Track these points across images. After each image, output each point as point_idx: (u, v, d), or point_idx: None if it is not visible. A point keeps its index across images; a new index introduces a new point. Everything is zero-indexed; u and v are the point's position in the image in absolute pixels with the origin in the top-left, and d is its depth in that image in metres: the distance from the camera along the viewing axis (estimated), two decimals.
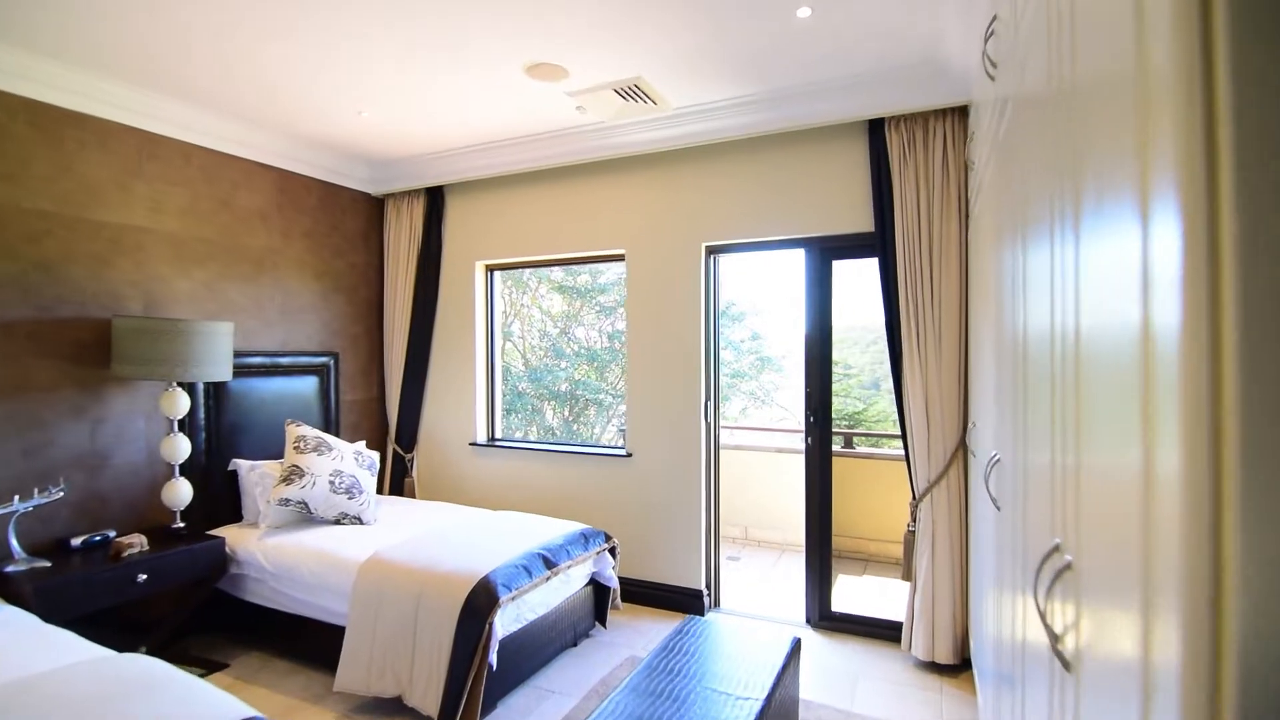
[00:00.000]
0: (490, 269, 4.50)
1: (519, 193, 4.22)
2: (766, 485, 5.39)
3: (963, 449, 3.08)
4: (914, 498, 3.17)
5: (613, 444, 4.91)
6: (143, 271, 3.29)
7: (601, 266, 8.03)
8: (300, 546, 3.12)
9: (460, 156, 4.12)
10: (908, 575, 3.19)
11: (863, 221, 3.31)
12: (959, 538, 3.09)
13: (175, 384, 3.15)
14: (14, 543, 2.69)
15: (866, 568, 4.79)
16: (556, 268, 8.68)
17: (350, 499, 3.48)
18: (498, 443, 4.43)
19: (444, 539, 3.11)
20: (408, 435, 4.54)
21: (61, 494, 2.81)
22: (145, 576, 2.83)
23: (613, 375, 7.89)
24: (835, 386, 3.61)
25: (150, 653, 2.88)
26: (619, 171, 3.89)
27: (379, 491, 4.60)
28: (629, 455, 3.89)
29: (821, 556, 3.55)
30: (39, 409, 2.93)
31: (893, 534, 4.85)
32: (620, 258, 3.99)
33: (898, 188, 3.14)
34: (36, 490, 2.82)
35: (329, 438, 3.62)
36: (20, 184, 2.85)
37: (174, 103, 3.30)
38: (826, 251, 3.47)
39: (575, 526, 3.35)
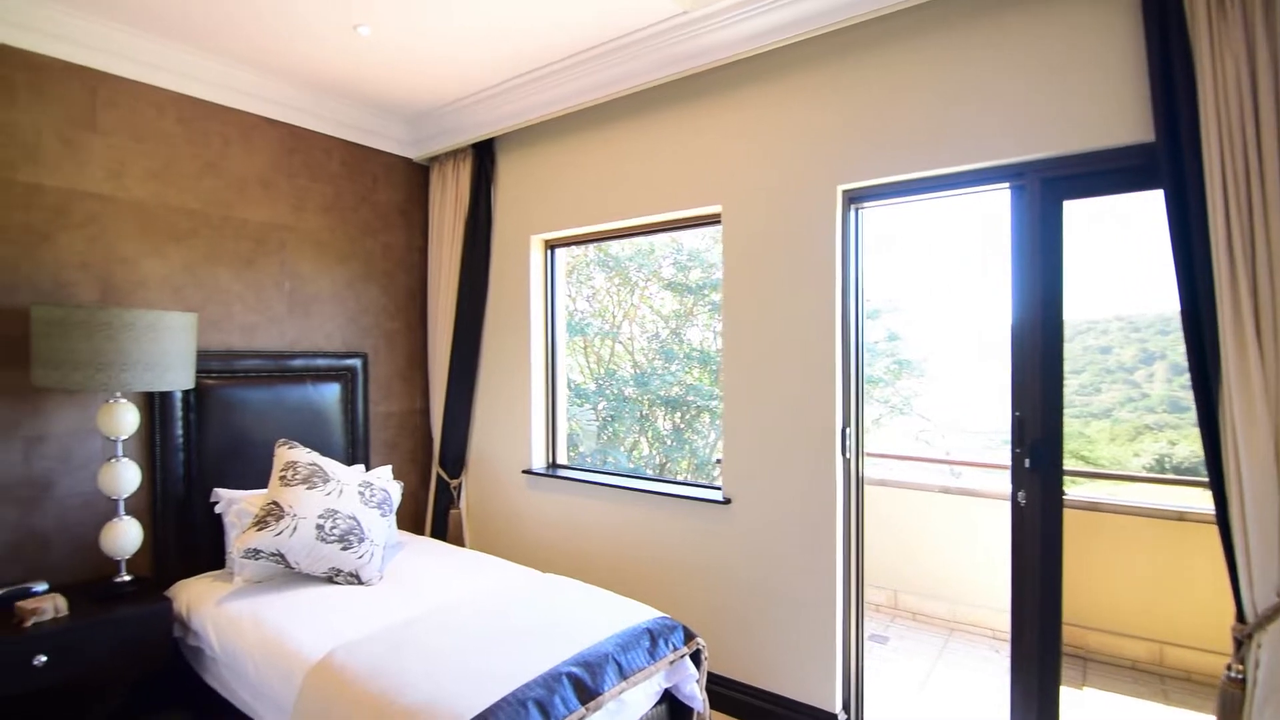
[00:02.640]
0: (550, 245, 3.48)
1: (581, 140, 3.17)
2: (926, 536, 3.96)
3: None
4: (1243, 618, 1.73)
5: (706, 481, 3.72)
6: (98, 250, 2.58)
7: (714, 257, 6.95)
8: (255, 624, 2.24)
9: (507, 94, 3.13)
10: None
11: (1128, 127, 1.91)
12: None
13: (120, 395, 2.40)
14: None
15: (1087, 673, 3.26)
16: (666, 263, 7.71)
17: (345, 549, 2.58)
18: (559, 471, 3.40)
19: (441, 631, 2.09)
20: (454, 457, 3.64)
21: None
22: (45, 659, 2.06)
23: None
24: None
25: None
26: (712, 93, 2.72)
27: (419, 528, 3.73)
28: (727, 502, 2.70)
29: (1044, 676, 2.16)
30: None
31: (1132, 624, 3.28)
32: (715, 219, 2.81)
33: (1207, 61, 1.73)
34: None
35: (329, 464, 2.75)
36: None
37: (134, 34, 2.57)
38: (1053, 185, 2.09)
39: (639, 617, 2.22)
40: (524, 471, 3.42)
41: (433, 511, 3.69)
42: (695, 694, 2.21)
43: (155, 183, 2.72)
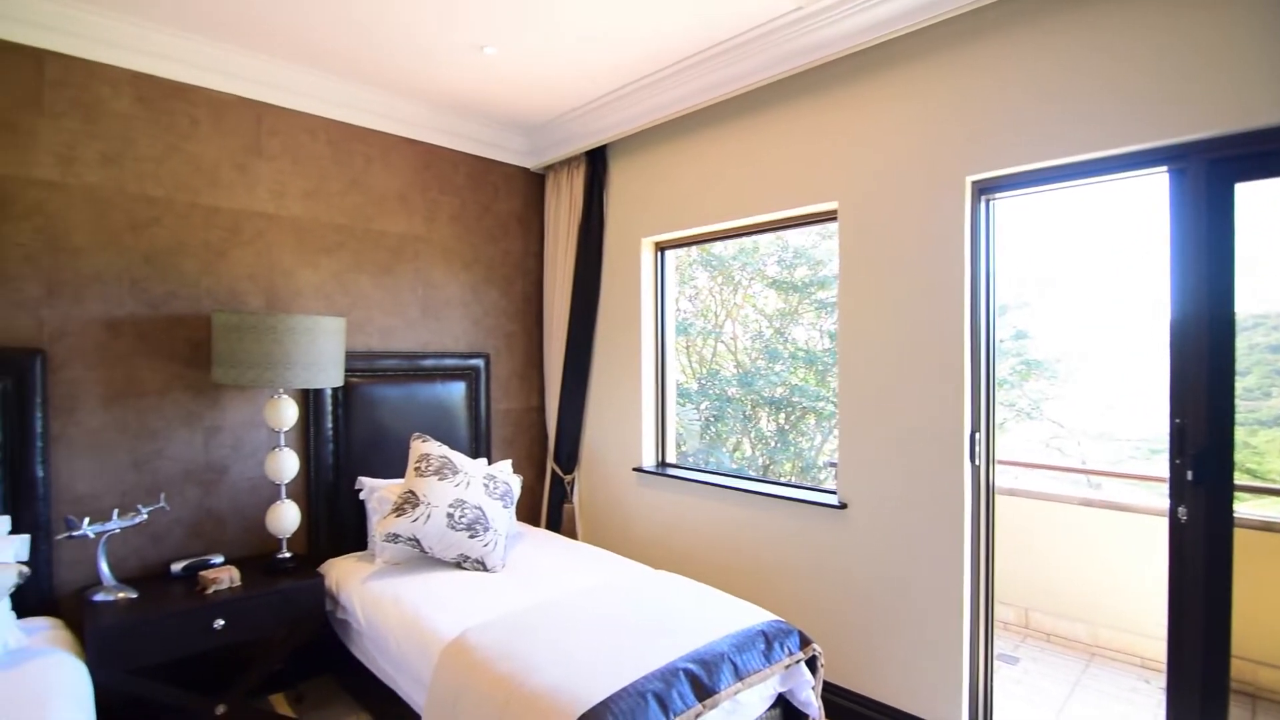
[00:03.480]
0: (660, 247, 3.53)
1: (691, 142, 3.20)
2: (1062, 551, 3.67)
3: None
4: None
5: (811, 483, 3.64)
6: (263, 262, 2.90)
7: (821, 254, 6.79)
8: (395, 602, 2.44)
9: (619, 102, 3.22)
10: None
11: None
12: None
13: (282, 391, 2.69)
14: (103, 566, 2.36)
15: (1257, 713, 2.89)
16: (768, 258, 7.61)
17: (472, 537, 2.75)
18: (668, 470, 3.45)
19: (562, 620, 2.19)
20: (567, 453, 3.78)
21: (145, 517, 2.44)
22: (223, 623, 2.35)
23: (835, 380, 6.73)
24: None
25: (231, 713, 2.40)
26: (825, 88, 2.66)
27: (535, 520, 3.90)
28: (843, 506, 2.63)
29: (1208, 713, 1.95)
30: (149, 416, 2.63)
31: None
32: (831, 216, 2.75)
33: None
34: (142, 507, 2.50)
35: (457, 457, 2.94)
36: (125, 166, 2.56)
37: (293, 67, 2.87)
38: (1223, 166, 1.88)
39: (754, 619, 2.21)
40: (634, 469, 3.50)
41: (548, 505, 3.85)
42: (811, 700, 2.18)
43: (309, 201, 3.02)
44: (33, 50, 2.37)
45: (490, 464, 3.37)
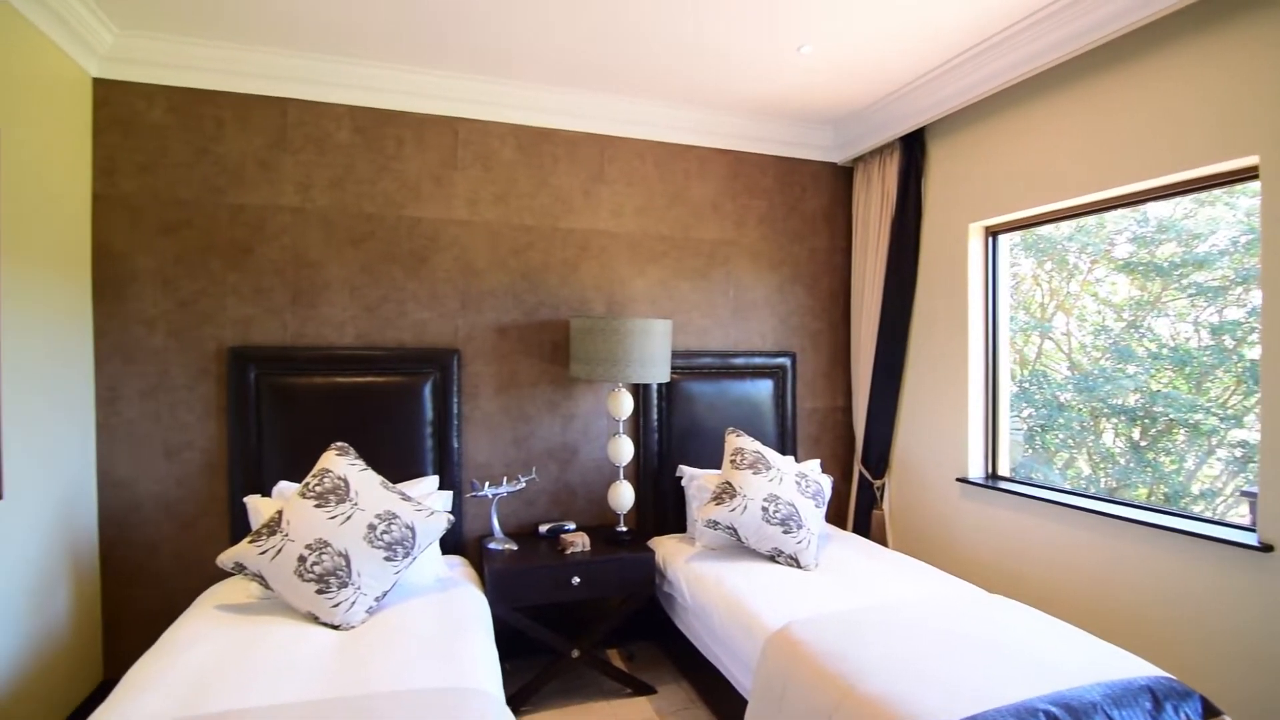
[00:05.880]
0: (991, 232, 3.17)
1: (1030, 111, 2.79)
2: None
3: None
4: None
5: (1221, 517, 2.88)
6: (605, 273, 3.35)
7: (1199, 226, 5.38)
8: (719, 585, 2.61)
9: (942, 78, 2.96)
10: None
11: None
12: None
13: (621, 385, 3.07)
14: (494, 521, 2.97)
15: None
16: (1118, 236, 6.29)
17: (786, 532, 2.81)
18: (1001, 483, 3.08)
19: (890, 628, 2.10)
20: (876, 457, 3.61)
21: (523, 485, 2.99)
22: (578, 580, 2.77)
23: (1218, 387, 5.32)
24: None
25: (583, 657, 2.81)
26: (1234, 16, 2.09)
27: (840, 523, 3.81)
28: (1265, 549, 2.05)
29: None
30: (524, 403, 3.22)
31: None
32: (1246, 174, 2.16)
33: None
34: (521, 476, 3.09)
35: (769, 453, 3.03)
36: (509, 203, 3.17)
37: (630, 101, 3.25)
38: None
39: (1133, 670, 1.85)
40: (958, 480, 3.19)
41: (854, 509, 3.73)
42: None
43: (640, 217, 3.40)
44: (449, 120, 3.09)
45: (797, 462, 3.40)
